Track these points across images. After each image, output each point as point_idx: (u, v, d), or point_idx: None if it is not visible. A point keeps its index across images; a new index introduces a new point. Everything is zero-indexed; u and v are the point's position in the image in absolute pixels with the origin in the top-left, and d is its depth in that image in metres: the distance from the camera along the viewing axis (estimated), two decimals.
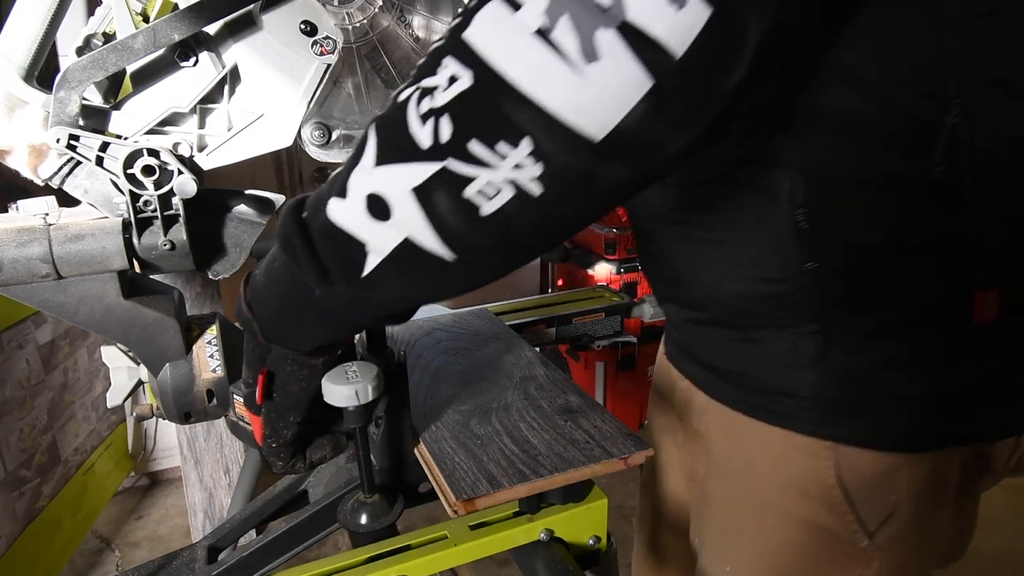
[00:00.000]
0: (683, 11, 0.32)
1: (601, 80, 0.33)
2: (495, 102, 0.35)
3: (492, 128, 0.35)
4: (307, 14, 0.59)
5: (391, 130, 0.39)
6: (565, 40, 0.33)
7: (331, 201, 0.40)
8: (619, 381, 2.39)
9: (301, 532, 0.63)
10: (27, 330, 1.63)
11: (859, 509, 0.57)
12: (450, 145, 0.36)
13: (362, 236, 0.40)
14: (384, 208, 0.38)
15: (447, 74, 0.36)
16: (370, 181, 0.39)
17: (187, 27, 0.56)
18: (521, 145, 0.35)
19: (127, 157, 0.58)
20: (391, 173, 0.38)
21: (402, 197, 0.38)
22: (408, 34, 0.66)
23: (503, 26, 0.35)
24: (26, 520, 1.59)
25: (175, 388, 0.65)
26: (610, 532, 0.62)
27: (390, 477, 0.63)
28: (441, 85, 0.36)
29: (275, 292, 0.48)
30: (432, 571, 0.55)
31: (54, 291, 0.58)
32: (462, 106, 0.36)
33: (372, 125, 0.40)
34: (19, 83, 0.59)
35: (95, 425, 1.96)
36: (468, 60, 0.35)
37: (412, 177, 0.37)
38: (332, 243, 0.41)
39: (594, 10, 0.33)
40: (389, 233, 0.39)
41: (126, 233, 0.59)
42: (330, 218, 0.40)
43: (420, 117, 0.37)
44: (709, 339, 0.65)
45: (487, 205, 0.37)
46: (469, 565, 0.57)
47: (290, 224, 0.43)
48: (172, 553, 0.64)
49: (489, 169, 0.36)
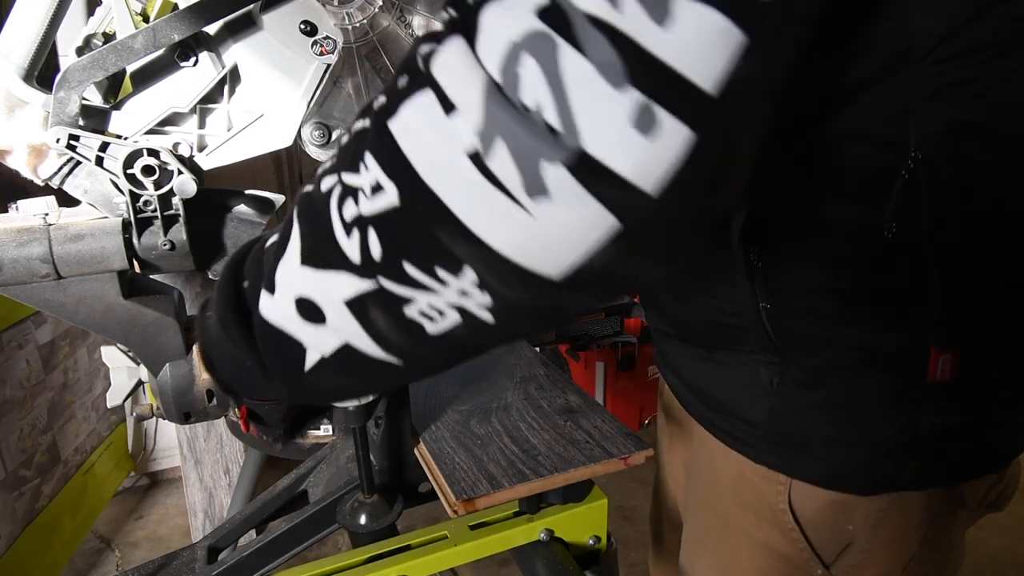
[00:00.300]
0: (656, 139, 0.25)
1: (553, 220, 0.27)
2: (429, 228, 0.28)
3: (428, 254, 0.29)
4: (307, 14, 0.59)
5: (315, 229, 0.33)
6: (503, 171, 0.26)
7: (262, 296, 0.36)
8: (619, 381, 2.38)
9: (301, 532, 0.63)
10: (27, 330, 1.62)
11: (813, 539, 0.56)
12: (382, 265, 0.30)
13: (297, 336, 0.36)
14: (317, 312, 0.34)
15: (370, 178, 0.30)
16: (297, 283, 0.34)
17: (187, 27, 0.56)
18: (464, 273, 0.29)
19: (127, 157, 0.58)
20: (319, 279, 0.33)
21: (334, 306, 0.33)
22: (408, 34, 0.66)
23: (435, 133, 0.28)
24: (26, 520, 1.59)
25: (175, 388, 0.65)
26: (610, 532, 0.62)
27: (390, 477, 0.63)
28: (364, 189, 0.30)
29: (225, 353, 0.45)
30: (432, 571, 0.55)
31: (54, 291, 0.58)
32: (391, 224, 0.29)
33: (295, 210, 0.35)
34: (19, 83, 0.59)
35: (95, 425, 1.96)
36: (395, 167, 0.29)
37: (343, 289, 0.32)
38: (268, 343, 0.38)
39: (538, 135, 0.25)
40: (326, 336, 0.35)
41: (126, 233, 0.59)
42: (263, 316, 0.37)
43: (344, 226, 0.31)
44: (680, 353, 0.64)
45: (433, 326, 0.32)
46: (469, 565, 0.57)
47: (227, 301, 0.40)
48: (172, 553, 0.64)
49: (429, 292, 0.30)
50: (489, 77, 0.26)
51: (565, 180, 0.26)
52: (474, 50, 0.27)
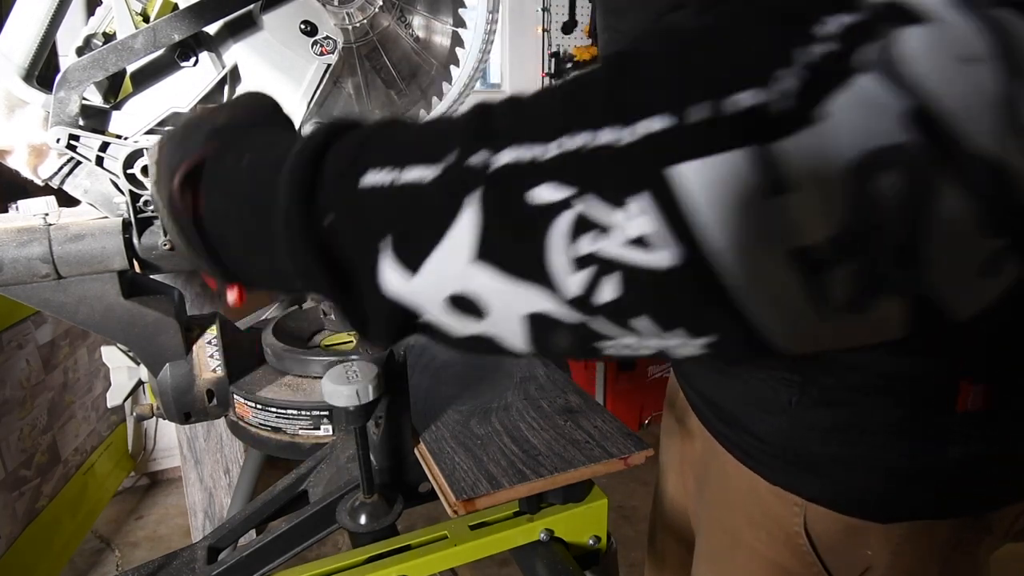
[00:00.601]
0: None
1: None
2: (698, 300, 0.24)
3: (677, 318, 0.25)
4: (307, 14, 0.59)
5: (516, 237, 0.25)
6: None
7: (387, 266, 0.28)
8: (619, 381, 2.38)
9: (301, 532, 0.63)
10: (27, 330, 1.62)
11: (828, 562, 0.55)
12: (607, 309, 0.25)
13: (425, 312, 0.29)
14: (474, 309, 0.28)
15: (636, 227, 0.23)
16: (462, 278, 0.27)
17: (187, 27, 0.56)
18: (702, 338, 0.25)
19: (127, 157, 0.58)
20: (499, 286, 0.26)
21: (507, 313, 0.27)
22: (408, 34, 0.66)
23: (747, 200, 0.22)
24: (26, 520, 1.59)
25: (175, 388, 0.66)
26: (610, 532, 0.62)
27: (390, 477, 0.63)
28: (620, 231, 0.23)
29: (254, 235, 0.33)
30: (432, 571, 0.55)
31: (54, 291, 0.58)
32: (648, 282, 0.24)
33: (478, 195, 0.26)
34: (19, 83, 0.59)
35: (95, 425, 1.96)
36: (679, 228, 0.23)
37: (530, 305, 0.26)
38: (378, 313, 0.30)
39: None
40: (468, 324, 0.29)
41: (126, 233, 0.59)
42: (384, 289, 0.29)
43: (572, 259, 0.24)
44: (697, 364, 0.62)
45: (609, 351, 0.28)
46: (469, 565, 0.57)
47: (303, 235, 0.29)
48: (172, 553, 0.64)
49: (643, 340, 0.26)
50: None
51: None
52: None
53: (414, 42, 0.66)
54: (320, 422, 0.67)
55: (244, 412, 0.69)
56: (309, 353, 0.71)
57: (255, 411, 0.68)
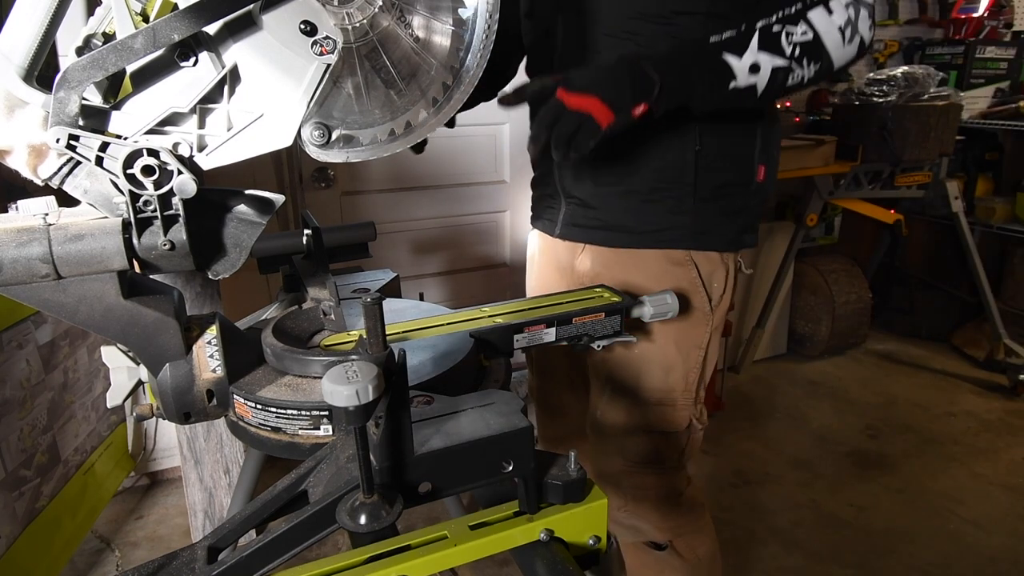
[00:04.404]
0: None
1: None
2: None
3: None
4: (307, 14, 0.59)
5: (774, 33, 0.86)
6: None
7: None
8: None
9: (301, 532, 0.63)
10: (27, 330, 1.63)
11: (709, 290, 1.08)
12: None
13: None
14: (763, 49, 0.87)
15: (802, 29, 0.86)
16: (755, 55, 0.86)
17: (187, 27, 0.56)
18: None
19: (127, 157, 0.58)
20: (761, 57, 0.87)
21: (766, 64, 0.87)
22: (408, 34, 0.66)
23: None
24: (26, 520, 1.59)
25: (175, 388, 0.66)
26: (610, 532, 0.62)
27: (390, 477, 0.63)
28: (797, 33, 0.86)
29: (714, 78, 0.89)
30: (432, 571, 0.55)
31: (54, 291, 0.58)
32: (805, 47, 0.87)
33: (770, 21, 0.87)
34: (19, 83, 0.59)
35: (95, 425, 1.96)
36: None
37: (774, 62, 0.87)
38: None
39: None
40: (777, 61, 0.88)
41: (126, 233, 0.59)
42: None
43: (788, 41, 0.86)
44: (620, 203, 1.06)
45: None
46: (469, 565, 0.57)
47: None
48: (172, 553, 0.64)
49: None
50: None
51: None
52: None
53: (414, 42, 0.66)
54: (320, 422, 0.67)
55: (244, 412, 0.69)
56: (309, 353, 0.71)
57: (255, 411, 0.68)
